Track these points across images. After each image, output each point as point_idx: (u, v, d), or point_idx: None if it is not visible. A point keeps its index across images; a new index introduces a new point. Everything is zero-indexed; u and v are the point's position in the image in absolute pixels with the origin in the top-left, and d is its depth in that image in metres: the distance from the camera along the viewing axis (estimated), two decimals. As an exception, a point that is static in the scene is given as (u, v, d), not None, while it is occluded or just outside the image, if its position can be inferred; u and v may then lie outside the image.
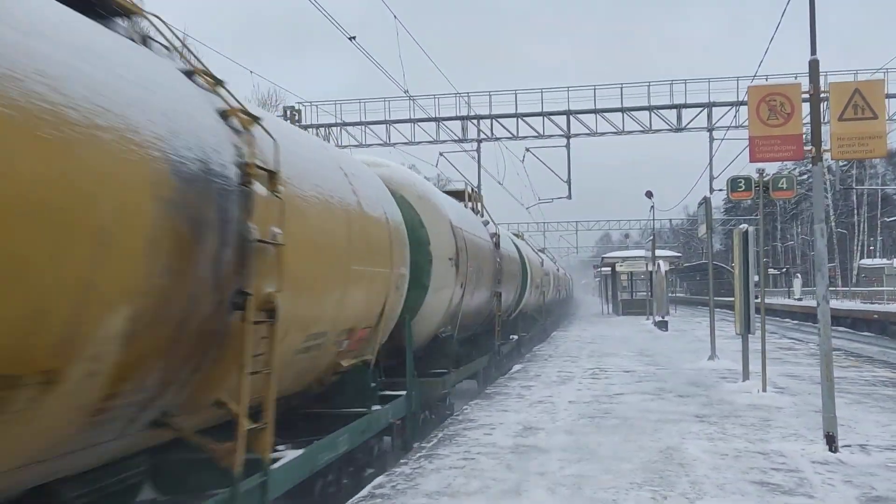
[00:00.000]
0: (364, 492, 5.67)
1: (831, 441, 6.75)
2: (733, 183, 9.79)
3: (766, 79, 26.04)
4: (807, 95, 6.84)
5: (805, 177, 62.30)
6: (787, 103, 6.74)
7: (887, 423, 8.10)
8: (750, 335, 10.91)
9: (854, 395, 10.11)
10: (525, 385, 11.62)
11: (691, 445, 7.08)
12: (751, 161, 6.92)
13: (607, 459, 6.53)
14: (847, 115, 6.64)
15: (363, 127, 30.01)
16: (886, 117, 6.80)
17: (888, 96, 28.99)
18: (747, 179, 9.69)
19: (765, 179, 9.51)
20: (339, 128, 29.17)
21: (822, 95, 6.76)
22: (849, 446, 6.90)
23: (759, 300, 10.51)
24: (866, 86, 6.71)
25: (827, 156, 6.93)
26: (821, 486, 5.66)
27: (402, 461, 6.66)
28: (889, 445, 6.99)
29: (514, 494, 5.51)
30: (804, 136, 6.95)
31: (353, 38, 11.94)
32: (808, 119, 6.91)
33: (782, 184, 9.65)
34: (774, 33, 9.04)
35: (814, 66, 6.68)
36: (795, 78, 21.66)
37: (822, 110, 6.89)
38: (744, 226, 10.31)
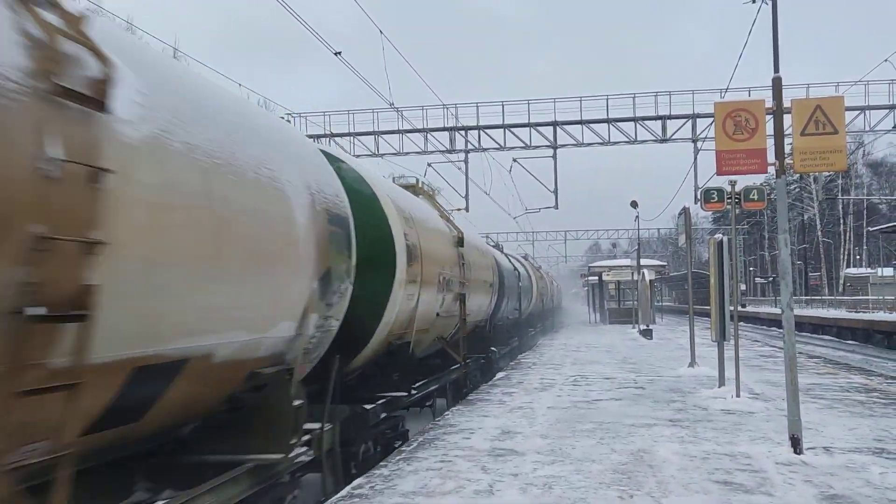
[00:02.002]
0: (343, 492, 5.88)
1: (796, 443, 7.00)
2: (706, 194, 10.09)
3: (749, 92, 26.53)
4: (771, 111, 7.13)
5: (791, 187, 63.02)
6: (752, 119, 7.03)
7: (854, 426, 8.38)
8: (726, 342, 11.17)
9: (826, 401, 10.40)
10: (507, 392, 11.85)
11: (662, 448, 7.32)
12: (717, 174, 7.21)
13: (580, 461, 6.77)
14: (809, 131, 6.94)
15: (352, 138, 30.31)
16: (846, 132, 7.08)
17: (869, 107, 29.58)
18: (719, 190, 10.00)
19: (737, 191, 9.84)
20: (327, 138, 29.41)
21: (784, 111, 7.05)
22: (813, 448, 7.16)
23: (733, 308, 10.78)
24: (827, 102, 7.02)
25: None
26: (781, 486, 5.91)
27: (381, 463, 6.88)
28: (852, 448, 7.25)
29: (487, 494, 5.74)
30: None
31: (339, 53, 12.23)
32: (772, 134, 7.19)
33: (753, 195, 9.97)
34: (742, 51, 9.36)
35: (776, 83, 6.98)
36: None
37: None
38: (718, 235, 10.61)
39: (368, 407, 7.69)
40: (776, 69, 7.06)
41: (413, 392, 9.16)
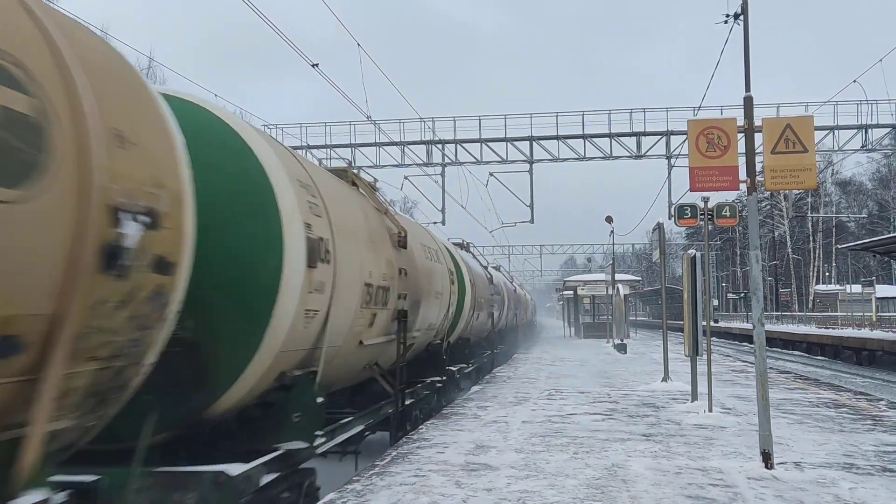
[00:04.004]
0: (315, 507, 5.80)
1: (767, 458, 7.06)
2: (680, 210, 10.22)
3: (722, 111, 26.97)
4: (742, 129, 7.24)
5: (763, 204, 64.03)
6: (724, 136, 7.14)
7: (823, 441, 8.47)
8: (699, 357, 11.25)
9: (797, 416, 10.51)
10: (481, 406, 11.83)
11: (635, 463, 7.34)
12: (691, 190, 7.30)
13: (553, 476, 6.76)
14: (779, 149, 7.06)
15: (328, 150, 30.28)
16: (815, 151, 7.21)
17: (838, 127, 30.19)
18: (693, 206, 10.13)
19: (709, 207, 9.98)
20: (304, 150, 29.33)
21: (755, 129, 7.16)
22: (784, 463, 7.23)
23: (706, 323, 10.88)
24: (797, 121, 7.15)
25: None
26: (753, 500, 5.94)
27: (353, 478, 6.81)
28: (822, 463, 7.33)
29: (461, 509, 5.71)
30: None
31: (316, 65, 12.22)
32: (743, 151, 7.30)
33: (725, 211, 10.11)
34: (714, 70, 9.51)
35: (748, 102, 7.11)
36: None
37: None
38: (691, 251, 10.72)
39: (237, 471, 5.00)
40: (747, 88, 7.18)
41: (319, 441, 6.35)
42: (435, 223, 28.82)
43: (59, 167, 3.09)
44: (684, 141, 29.52)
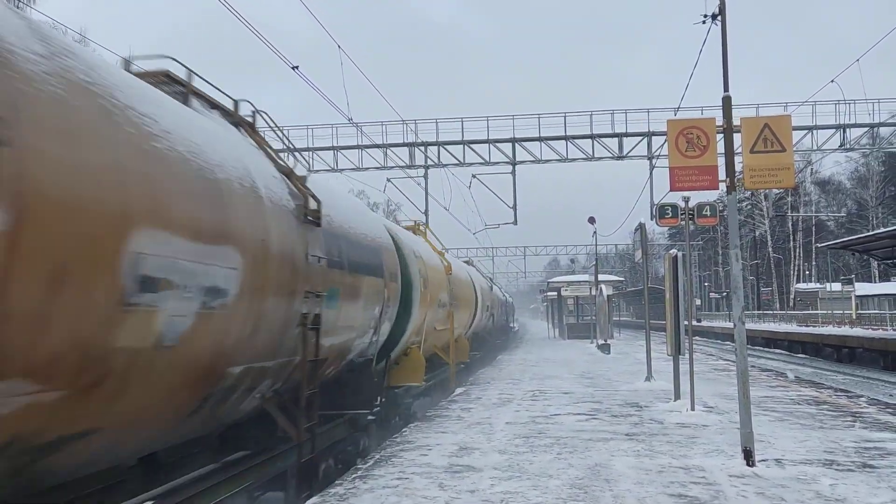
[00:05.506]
0: (297, 512, 5.84)
1: (748, 456, 7.10)
2: (661, 210, 10.26)
3: (702, 111, 27.13)
4: (721, 129, 7.28)
5: (743, 204, 64.55)
6: (703, 136, 7.17)
7: (804, 438, 8.53)
8: (681, 356, 11.31)
9: (778, 413, 10.58)
10: (465, 407, 11.81)
11: (618, 462, 7.36)
12: (671, 190, 7.34)
13: (537, 476, 6.76)
14: (758, 148, 7.10)
15: (311, 153, 30.13)
16: (793, 150, 7.27)
17: (816, 127, 30.49)
18: (674, 206, 10.18)
19: (690, 207, 10.03)
20: (286, 153, 29.20)
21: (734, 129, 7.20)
22: (765, 461, 7.27)
23: (688, 322, 10.93)
24: (775, 121, 7.20)
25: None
26: (735, 498, 5.97)
27: (336, 482, 6.77)
28: (803, 460, 7.38)
29: (444, 511, 5.69)
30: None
31: (296, 67, 12.15)
32: (723, 151, 7.34)
33: (706, 211, 10.17)
34: (693, 71, 9.58)
35: (726, 102, 7.15)
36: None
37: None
38: (674, 251, 10.77)
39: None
40: (726, 88, 7.21)
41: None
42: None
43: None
44: (665, 142, 29.79)
